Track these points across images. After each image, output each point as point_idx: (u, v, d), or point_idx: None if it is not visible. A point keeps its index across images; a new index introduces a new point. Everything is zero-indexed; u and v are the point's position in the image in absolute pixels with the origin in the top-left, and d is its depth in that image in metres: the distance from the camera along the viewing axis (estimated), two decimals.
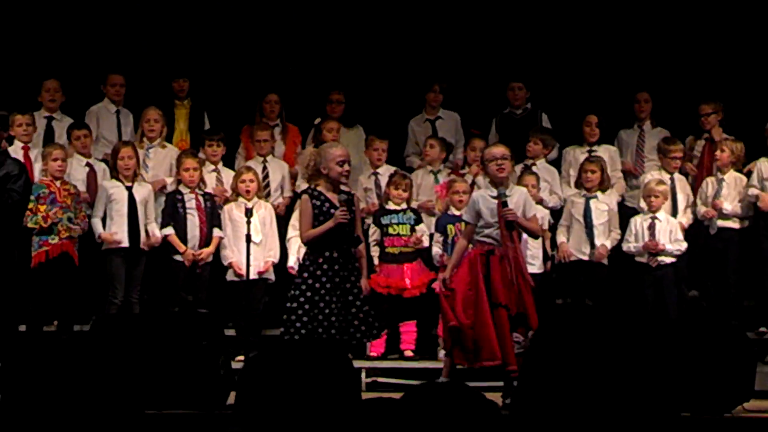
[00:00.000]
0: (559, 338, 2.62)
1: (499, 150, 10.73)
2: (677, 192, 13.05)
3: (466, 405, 2.70)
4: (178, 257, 12.60)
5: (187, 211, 12.63)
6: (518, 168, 13.06)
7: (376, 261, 12.46)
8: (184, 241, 12.59)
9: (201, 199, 12.68)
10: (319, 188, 10.45)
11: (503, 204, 10.32)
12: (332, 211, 10.23)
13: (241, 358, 11.73)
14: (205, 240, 12.62)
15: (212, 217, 12.72)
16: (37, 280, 11.72)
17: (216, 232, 12.68)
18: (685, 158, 13.40)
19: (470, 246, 10.53)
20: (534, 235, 10.90)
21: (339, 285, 10.30)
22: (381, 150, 13.37)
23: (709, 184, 12.99)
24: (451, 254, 11.08)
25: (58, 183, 12.08)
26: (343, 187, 10.51)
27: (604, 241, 12.73)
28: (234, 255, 12.46)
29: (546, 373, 2.59)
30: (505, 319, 10.26)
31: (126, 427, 2.95)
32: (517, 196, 10.55)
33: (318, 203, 10.32)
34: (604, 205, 12.81)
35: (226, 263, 12.62)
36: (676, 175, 13.15)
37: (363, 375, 12.15)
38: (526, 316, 10.29)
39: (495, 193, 10.40)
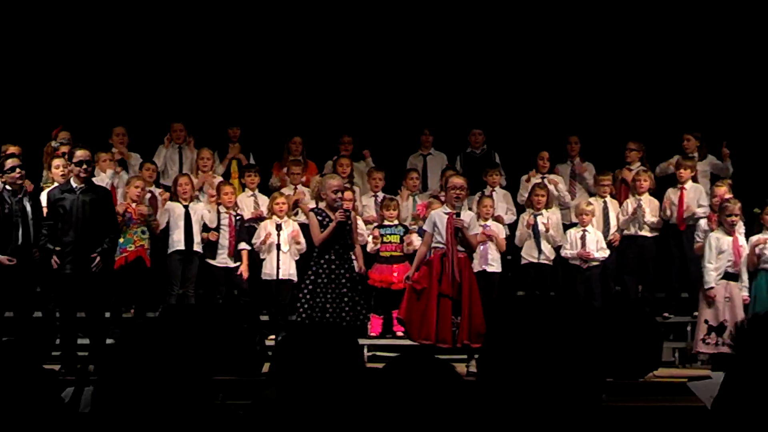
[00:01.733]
0: (515, 321, 2.67)
1: (460, 181, 10.86)
2: (609, 212, 13.07)
3: (430, 370, 2.76)
4: (211, 261, 12.69)
5: (221, 227, 12.71)
6: (477, 194, 13.16)
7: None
8: (216, 249, 12.69)
9: (233, 218, 12.73)
10: (321, 207, 10.75)
11: (456, 215, 10.49)
12: (330, 222, 10.51)
13: (273, 337, 11.78)
14: (233, 250, 12.68)
15: (240, 233, 12.75)
16: (118, 279, 11.73)
17: (242, 245, 12.72)
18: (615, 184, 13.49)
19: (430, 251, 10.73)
20: (472, 248, 10.82)
21: (335, 280, 10.53)
22: (378, 179, 13.49)
23: (629, 203, 13.02)
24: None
25: (134, 205, 12.12)
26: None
27: (547, 246, 12.83)
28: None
29: (504, 348, 2.63)
30: (449, 307, 10.42)
31: (198, 391, 3.01)
32: (465, 215, 10.71)
33: (321, 218, 10.58)
34: (546, 220, 12.89)
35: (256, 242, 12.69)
36: (608, 199, 13.17)
37: (365, 350, 12.23)
38: (460, 303, 10.44)
39: (449, 210, 10.57)
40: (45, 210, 10.94)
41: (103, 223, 10.53)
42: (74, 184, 10.54)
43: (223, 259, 12.71)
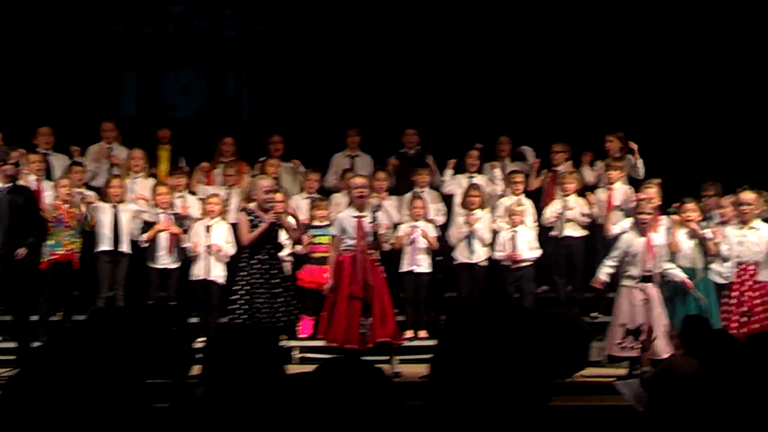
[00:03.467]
0: (462, 325, 2.68)
1: (361, 180, 11.06)
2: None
3: (359, 373, 2.79)
4: (150, 264, 12.60)
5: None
6: (408, 195, 13.19)
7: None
8: (155, 250, 12.57)
9: (171, 218, 12.67)
10: (251, 207, 10.76)
11: (374, 218, 10.74)
12: (261, 223, 10.54)
13: (202, 339, 11.76)
14: (173, 249, 12.61)
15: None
16: (46, 281, 11.67)
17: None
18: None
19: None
20: (379, 248, 10.98)
21: (269, 280, 10.56)
22: (313, 180, 13.46)
23: (557, 203, 13.17)
24: None
25: (66, 206, 12.04)
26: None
27: (481, 247, 12.89)
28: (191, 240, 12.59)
29: (457, 353, 2.65)
30: (358, 309, 10.52)
31: (129, 394, 3.02)
32: (371, 217, 10.88)
33: (251, 218, 10.60)
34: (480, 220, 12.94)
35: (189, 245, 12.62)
36: (522, 197, 13.22)
37: (297, 352, 12.23)
38: (370, 306, 10.61)
39: (356, 213, 10.67)
40: None
41: (28, 224, 10.46)
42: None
43: (162, 262, 12.63)
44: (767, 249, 11.58)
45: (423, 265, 12.74)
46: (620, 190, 12.94)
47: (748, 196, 11.66)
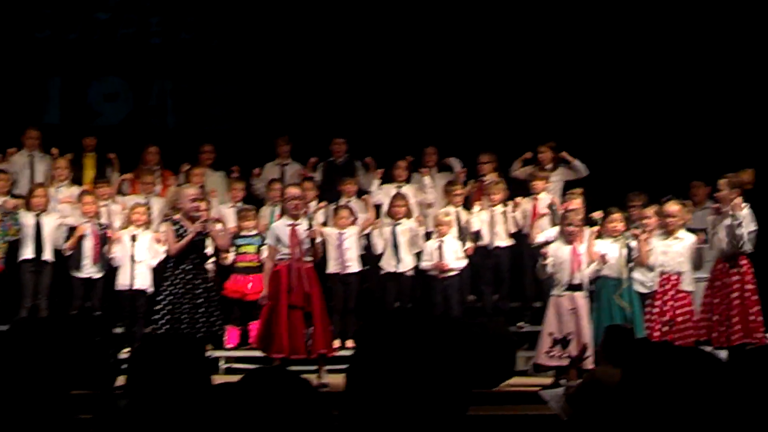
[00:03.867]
0: (383, 336, 2.69)
1: (296, 191, 11.03)
2: (461, 220, 13.22)
3: (285, 384, 2.79)
4: (75, 273, 12.48)
5: (85, 235, 12.49)
6: (333, 205, 13.19)
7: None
8: (80, 259, 12.45)
9: (96, 227, 12.55)
10: (176, 217, 10.71)
11: (310, 226, 10.64)
12: (187, 232, 10.51)
13: (127, 350, 11.66)
14: (98, 258, 12.47)
15: (103, 241, 12.58)
16: None
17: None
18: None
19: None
20: (316, 256, 10.97)
21: (191, 290, 10.52)
22: (238, 189, 13.46)
23: (484, 213, 13.19)
24: None
25: None
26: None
27: (407, 255, 12.90)
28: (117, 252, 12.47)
29: (374, 363, 2.65)
30: (300, 318, 10.49)
31: (52, 406, 3.00)
32: (307, 225, 10.80)
33: (176, 228, 10.55)
34: (406, 230, 12.95)
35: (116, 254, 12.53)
36: (460, 209, 13.27)
37: (222, 362, 12.19)
38: (311, 315, 10.55)
39: (289, 222, 10.64)
40: None
41: None
42: None
43: (87, 271, 12.50)
44: (690, 259, 11.75)
45: (351, 264, 12.72)
46: (545, 200, 13.03)
47: (672, 207, 11.81)
